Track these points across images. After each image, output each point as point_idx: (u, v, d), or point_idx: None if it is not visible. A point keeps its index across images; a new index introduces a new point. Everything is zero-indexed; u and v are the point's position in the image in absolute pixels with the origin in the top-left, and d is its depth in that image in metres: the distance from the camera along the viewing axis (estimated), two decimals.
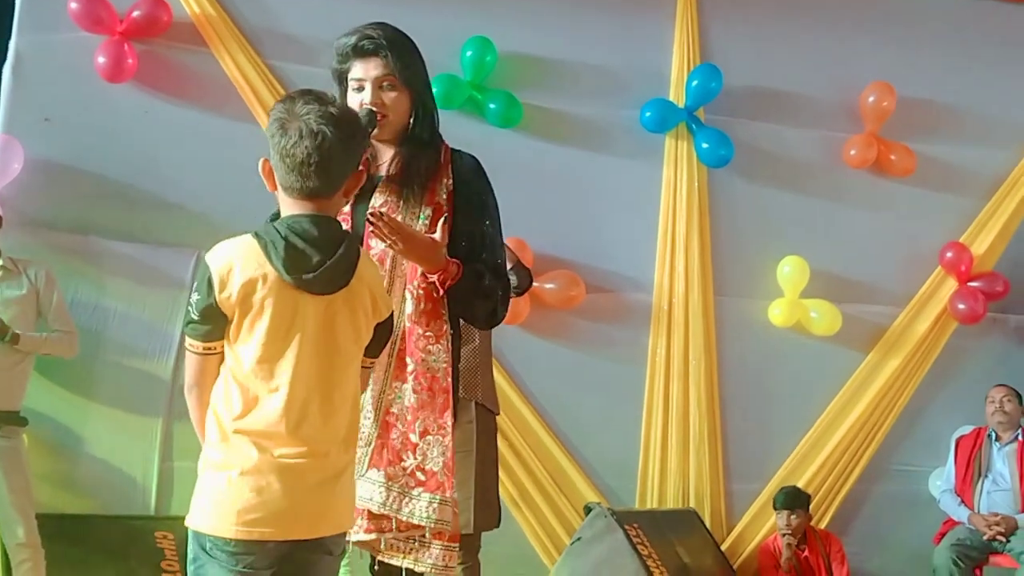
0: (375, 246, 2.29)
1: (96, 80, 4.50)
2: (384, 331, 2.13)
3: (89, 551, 3.99)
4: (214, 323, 1.95)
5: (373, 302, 2.05)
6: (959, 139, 5.61)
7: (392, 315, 2.15)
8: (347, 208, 2.38)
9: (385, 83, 2.41)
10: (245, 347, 1.94)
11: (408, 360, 2.29)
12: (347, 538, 2.17)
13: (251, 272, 1.92)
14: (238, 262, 1.93)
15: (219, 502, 1.91)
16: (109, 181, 4.54)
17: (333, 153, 1.95)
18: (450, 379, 2.35)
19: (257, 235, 1.96)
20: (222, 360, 1.98)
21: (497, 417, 3.43)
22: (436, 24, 4.80)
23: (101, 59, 4.47)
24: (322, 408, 1.96)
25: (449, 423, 2.32)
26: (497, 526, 3.25)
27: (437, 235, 2.28)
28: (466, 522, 3.05)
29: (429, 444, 2.30)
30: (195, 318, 1.96)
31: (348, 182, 2.03)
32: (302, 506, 1.93)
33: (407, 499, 2.28)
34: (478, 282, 2.37)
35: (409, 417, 2.30)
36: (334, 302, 1.98)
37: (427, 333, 2.33)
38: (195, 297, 1.95)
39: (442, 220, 2.33)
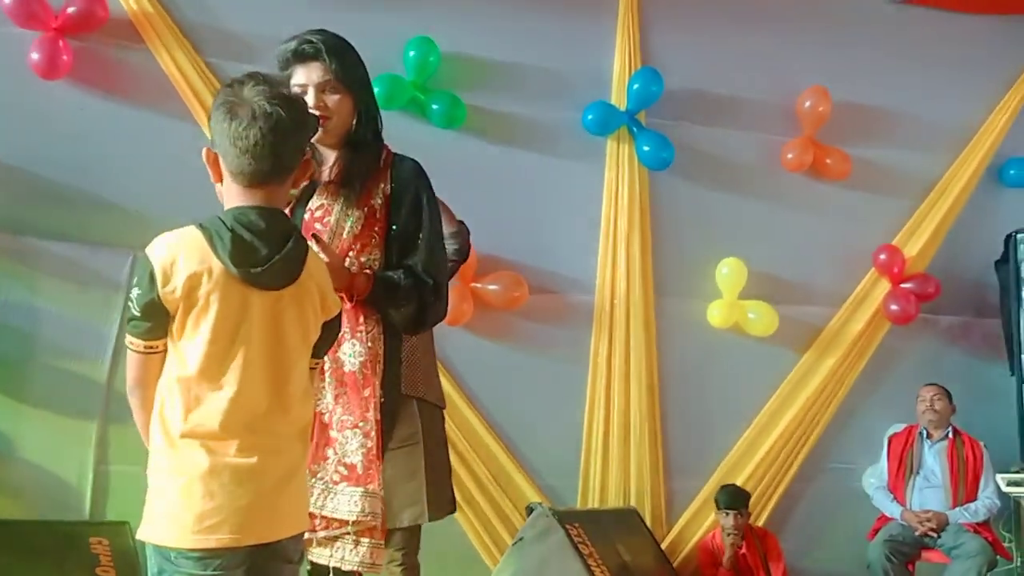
0: None
1: (30, 76, 4.40)
2: (331, 330, 2.08)
3: (22, 557, 3.89)
4: (156, 320, 1.87)
5: (322, 299, 2.00)
6: (893, 143, 5.73)
7: (340, 313, 2.11)
8: (315, 205, 2.40)
9: (327, 87, 2.42)
10: (190, 344, 1.87)
11: (326, 358, 2.30)
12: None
13: (196, 265, 1.85)
14: (182, 254, 1.85)
15: (173, 511, 1.83)
16: (43, 179, 4.44)
17: (287, 135, 1.90)
18: (372, 375, 2.34)
19: (201, 227, 1.89)
20: (164, 360, 1.90)
21: (444, 411, 3.44)
22: (379, 24, 4.80)
23: (35, 55, 4.38)
24: (272, 406, 1.90)
25: (372, 418, 2.32)
26: (453, 511, 3.26)
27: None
28: (419, 513, 3.05)
29: (347, 438, 2.31)
30: (136, 314, 1.87)
31: (297, 170, 1.98)
32: (259, 508, 1.86)
33: (331, 495, 2.28)
34: (391, 292, 2.38)
35: (327, 414, 2.32)
36: (282, 297, 1.92)
37: (344, 330, 2.34)
38: (135, 292, 1.87)
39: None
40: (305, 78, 2.43)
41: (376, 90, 4.58)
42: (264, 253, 1.87)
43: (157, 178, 4.50)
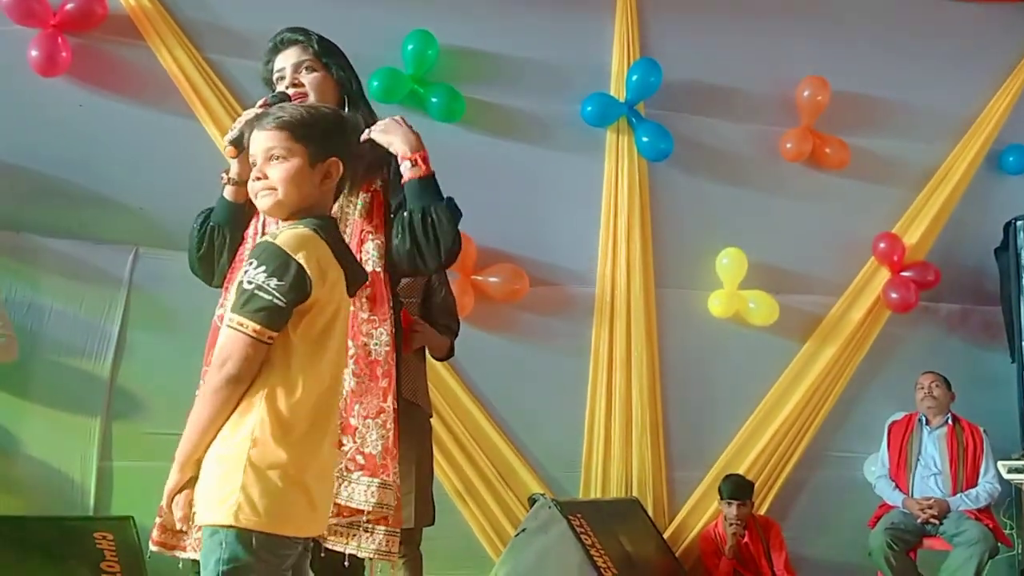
0: None
1: (29, 74, 4.41)
2: None
3: (27, 553, 3.89)
4: (291, 312, 1.92)
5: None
6: (891, 132, 5.74)
7: None
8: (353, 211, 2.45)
9: (304, 66, 2.45)
10: (316, 343, 1.96)
11: (350, 344, 2.30)
12: None
13: (333, 268, 2.01)
14: (324, 258, 1.98)
15: (284, 501, 1.88)
16: (43, 176, 4.45)
17: None
18: (393, 365, 2.36)
19: (322, 233, 2.01)
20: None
21: (431, 419, 3.48)
22: (377, 17, 4.81)
23: (34, 52, 4.38)
24: (338, 401, 2.12)
25: (391, 408, 2.34)
26: (433, 523, 3.30)
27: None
28: (408, 516, 3.08)
29: (368, 428, 2.31)
30: (280, 304, 1.89)
31: None
32: (330, 500, 2.08)
33: (346, 483, 2.29)
34: (441, 193, 2.43)
35: (349, 401, 2.32)
36: (347, 303, 2.11)
37: (371, 317, 2.35)
38: (274, 283, 1.89)
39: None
40: (284, 62, 2.49)
41: (375, 84, 4.67)
42: (356, 264, 2.12)
43: (157, 174, 4.51)
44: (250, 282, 1.90)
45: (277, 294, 1.89)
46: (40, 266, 4.42)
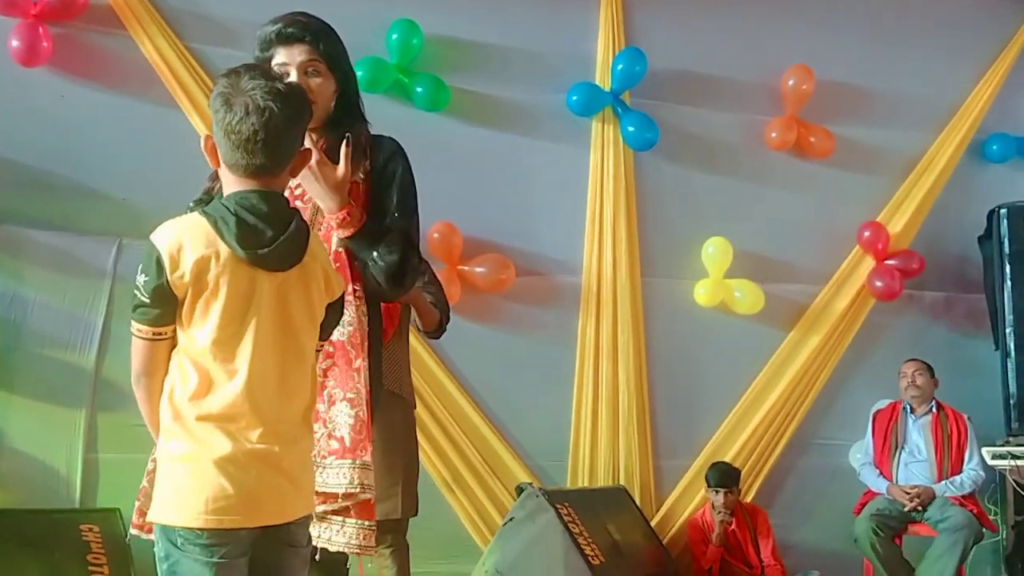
0: None
1: (9, 64, 4.37)
2: (335, 312, 2.10)
3: (13, 546, 3.88)
4: (165, 306, 1.88)
5: (327, 280, 2.02)
6: (876, 121, 5.75)
7: (344, 296, 2.12)
8: (294, 184, 2.38)
9: (311, 68, 2.41)
10: (200, 329, 1.88)
11: None
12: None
13: (203, 249, 1.86)
14: (188, 240, 1.86)
15: (186, 493, 1.85)
16: (24, 168, 4.41)
17: (280, 130, 1.90)
18: (363, 349, 2.33)
19: (205, 213, 1.90)
20: (172, 346, 1.92)
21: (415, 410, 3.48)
22: (361, 6, 4.78)
23: (15, 42, 4.34)
24: (282, 389, 1.93)
25: (362, 389, 2.31)
26: (417, 514, 3.31)
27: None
28: (394, 507, 3.08)
29: (338, 411, 2.29)
30: (145, 301, 1.87)
31: (295, 160, 2.00)
32: (270, 491, 1.89)
33: (320, 469, 2.27)
34: (379, 234, 2.37)
35: (319, 387, 2.31)
36: (288, 279, 1.94)
37: None
38: (143, 279, 1.87)
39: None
40: (288, 58, 2.40)
41: (359, 73, 4.61)
42: (269, 235, 1.89)
43: (140, 165, 4.48)
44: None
45: (141, 289, 1.88)
46: (23, 258, 4.39)
